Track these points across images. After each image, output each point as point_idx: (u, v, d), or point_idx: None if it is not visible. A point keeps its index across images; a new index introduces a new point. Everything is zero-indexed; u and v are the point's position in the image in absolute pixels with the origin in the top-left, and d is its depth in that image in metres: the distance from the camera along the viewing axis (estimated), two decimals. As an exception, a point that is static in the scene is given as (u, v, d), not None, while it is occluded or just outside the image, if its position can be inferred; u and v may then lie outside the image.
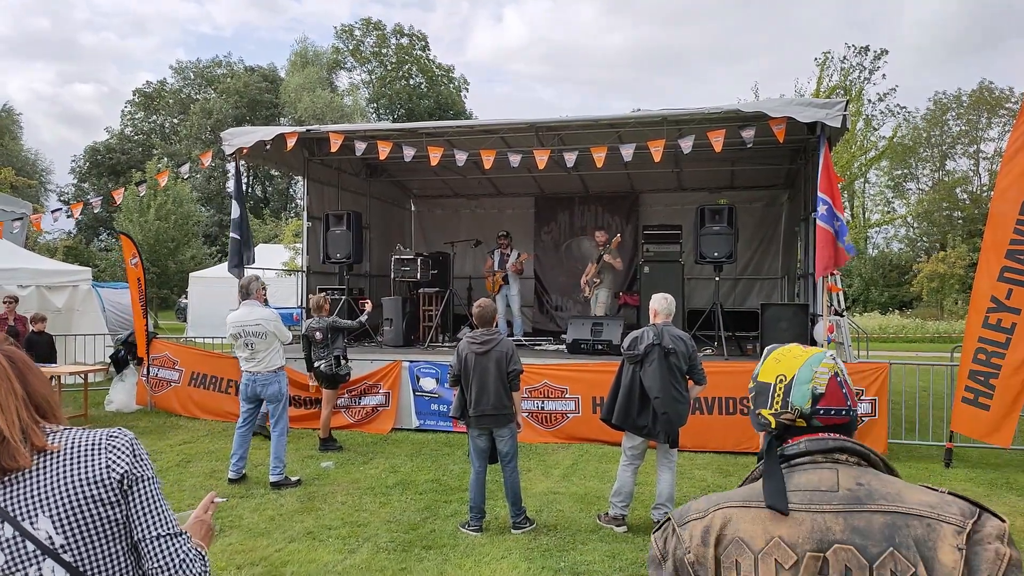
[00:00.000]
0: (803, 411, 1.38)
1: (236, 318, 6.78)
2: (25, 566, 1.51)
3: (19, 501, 1.53)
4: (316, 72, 52.61)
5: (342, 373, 8.38)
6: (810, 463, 1.34)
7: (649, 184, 13.73)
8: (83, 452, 1.59)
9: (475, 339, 5.60)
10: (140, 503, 1.62)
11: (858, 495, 1.26)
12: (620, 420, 5.56)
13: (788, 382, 1.40)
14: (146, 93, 55.04)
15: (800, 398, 1.38)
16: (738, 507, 1.32)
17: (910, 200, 41.23)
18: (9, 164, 38.11)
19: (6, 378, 1.60)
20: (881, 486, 1.27)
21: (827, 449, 1.34)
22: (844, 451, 1.34)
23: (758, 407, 1.45)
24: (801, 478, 1.31)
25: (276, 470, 6.76)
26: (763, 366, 1.47)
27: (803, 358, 1.42)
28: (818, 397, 1.38)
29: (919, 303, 32.87)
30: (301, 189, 13.65)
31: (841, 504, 1.25)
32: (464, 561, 5.02)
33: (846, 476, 1.30)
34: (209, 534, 1.88)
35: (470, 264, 13.91)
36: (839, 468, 1.32)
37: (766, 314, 9.39)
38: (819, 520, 1.25)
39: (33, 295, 12.48)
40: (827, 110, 7.93)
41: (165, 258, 27.99)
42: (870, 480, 1.29)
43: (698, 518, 1.36)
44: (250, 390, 6.86)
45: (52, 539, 1.52)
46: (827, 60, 27.89)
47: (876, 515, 1.23)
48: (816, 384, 1.38)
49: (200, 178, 46.90)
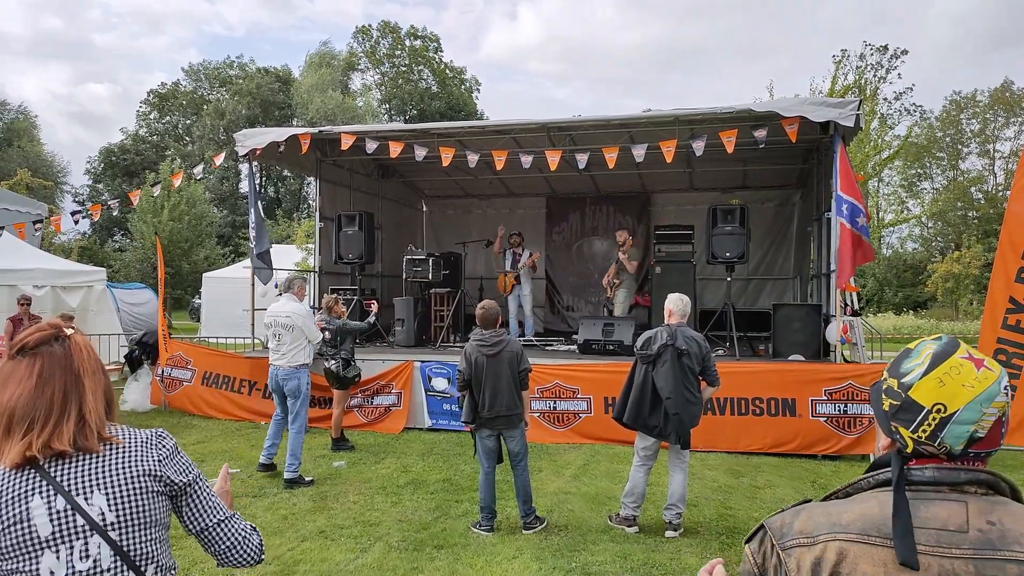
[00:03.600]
0: (952, 451, 1.22)
1: (272, 308, 7.23)
2: (71, 539, 1.58)
3: (76, 478, 1.62)
4: (329, 74, 52.84)
5: (351, 375, 8.39)
6: (935, 492, 1.20)
7: (661, 184, 13.70)
8: (139, 446, 1.72)
9: (484, 342, 5.59)
10: (195, 500, 1.78)
11: (990, 538, 1.14)
12: (631, 420, 5.55)
13: (947, 416, 1.21)
14: (160, 94, 55.45)
15: (954, 439, 1.21)
16: (856, 542, 1.18)
17: (924, 200, 40.94)
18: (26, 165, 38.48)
19: (99, 369, 1.74)
20: (1014, 524, 1.15)
21: (959, 482, 1.20)
22: (975, 483, 1.21)
23: (897, 421, 1.26)
24: (927, 512, 1.18)
25: (291, 467, 6.82)
26: (923, 381, 1.24)
27: (973, 392, 1.20)
28: (975, 441, 1.21)
29: (934, 303, 32.64)
30: (313, 190, 13.70)
31: (972, 549, 1.13)
32: (475, 560, 5.03)
33: (976, 513, 1.17)
34: (232, 502, 2.03)
35: (482, 264, 13.92)
36: (968, 501, 1.18)
37: (778, 314, 9.35)
38: (947, 567, 1.13)
39: (48, 295, 12.60)
40: (840, 109, 7.89)
41: (179, 259, 28.19)
42: (1002, 517, 1.16)
43: (806, 544, 1.21)
44: (274, 382, 7.10)
45: (104, 516, 1.61)
46: (843, 59, 27.71)
47: (1010, 564, 1.11)
48: (980, 428, 1.21)
49: (213, 179, 47.19)
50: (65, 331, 1.73)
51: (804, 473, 7.27)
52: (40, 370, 1.65)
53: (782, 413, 8.01)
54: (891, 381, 1.29)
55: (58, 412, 1.63)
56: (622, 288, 11.06)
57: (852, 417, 7.82)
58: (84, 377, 1.69)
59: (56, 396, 1.64)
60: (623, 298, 11.06)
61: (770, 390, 8.07)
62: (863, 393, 7.73)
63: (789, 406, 7.97)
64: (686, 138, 8.90)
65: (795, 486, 6.83)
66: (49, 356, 1.67)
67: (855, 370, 8.11)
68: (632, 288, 11.31)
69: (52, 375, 1.65)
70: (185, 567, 4.72)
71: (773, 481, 7.02)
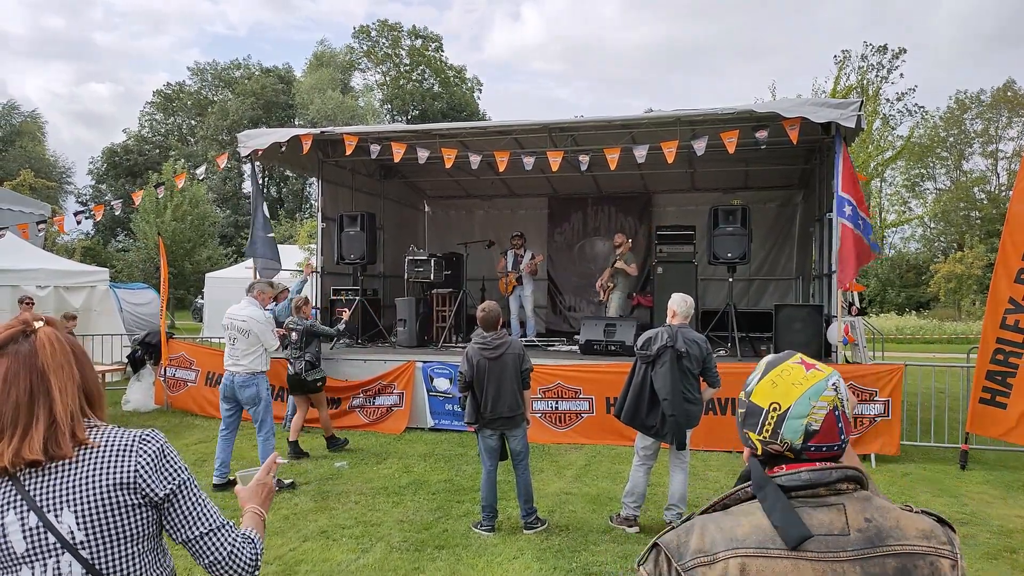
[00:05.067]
0: (793, 446, 1.31)
1: (230, 310, 6.91)
2: (44, 556, 1.53)
3: (48, 493, 1.55)
4: (330, 74, 52.90)
5: (310, 379, 8.02)
6: (812, 497, 1.27)
7: (663, 184, 13.70)
8: (114, 453, 1.60)
9: (486, 344, 5.59)
10: (179, 509, 1.65)
11: (869, 536, 1.22)
12: (629, 419, 5.56)
13: (782, 413, 1.32)
14: (165, 94, 55.55)
15: (792, 433, 1.31)
16: (756, 556, 1.22)
17: (927, 200, 40.88)
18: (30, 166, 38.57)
19: (68, 363, 1.62)
20: (883, 519, 1.24)
21: (831, 481, 1.28)
22: (846, 480, 1.29)
23: (747, 427, 1.38)
24: (811, 520, 1.24)
25: None
26: (758, 385, 1.38)
27: (801, 388, 1.32)
28: (811, 434, 1.31)
29: (936, 304, 32.59)
30: (315, 190, 13.72)
31: (855, 550, 1.21)
32: (476, 561, 5.04)
33: (853, 513, 1.25)
34: (270, 497, 1.92)
35: (483, 265, 13.94)
36: (845, 503, 1.26)
37: (780, 315, 9.34)
38: (838, 570, 1.20)
39: (51, 296, 12.63)
40: (841, 110, 7.88)
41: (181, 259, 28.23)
42: (873, 514, 1.25)
43: (707, 563, 1.24)
44: (228, 389, 6.76)
45: (73, 534, 1.54)
46: (845, 59, 27.69)
47: (888, 559, 1.20)
48: (811, 421, 1.31)
49: (216, 179, 47.25)
50: (33, 325, 1.64)
51: (805, 474, 7.26)
52: (4, 373, 1.57)
53: (783, 413, 8.00)
54: (740, 394, 1.42)
55: (26, 416, 1.55)
56: (616, 291, 11.05)
57: (853, 417, 7.79)
58: (50, 374, 1.58)
59: (22, 398, 1.56)
60: (617, 301, 11.05)
61: (772, 390, 8.05)
62: (864, 394, 7.73)
63: (790, 407, 7.96)
64: (687, 139, 8.89)
65: (796, 487, 6.82)
66: (14, 356, 1.58)
67: (856, 370, 8.11)
68: (626, 291, 11.30)
69: (17, 376, 1.57)
70: (187, 566, 4.71)
71: (774, 481, 7.01)
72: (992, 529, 5.70)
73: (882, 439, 7.72)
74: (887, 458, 7.72)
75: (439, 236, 15.42)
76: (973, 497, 6.57)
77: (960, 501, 6.43)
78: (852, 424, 1.35)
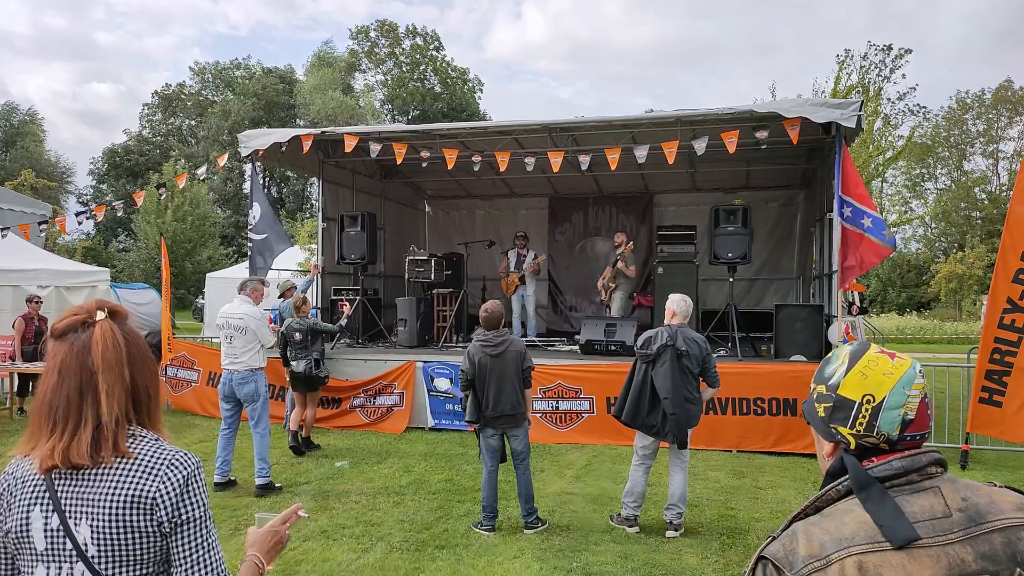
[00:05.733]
0: (891, 437, 1.30)
1: (224, 309, 6.91)
2: (59, 560, 1.52)
3: (73, 498, 1.52)
4: (331, 74, 52.91)
5: (321, 376, 8.20)
6: (907, 484, 1.26)
7: (663, 185, 13.70)
8: (139, 473, 1.53)
9: (488, 342, 5.60)
10: (183, 545, 1.54)
11: (970, 515, 1.22)
12: (630, 418, 5.56)
13: (877, 404, 1.29)
14: (165, 95, 55.56)
15: (889, 424, 1.29)
16: (870, 552, 1.20)
17: (928, 200, 40.87)
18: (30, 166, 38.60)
19: (119, 363, 1.54)
20: (977, 497, 1.24)
21: (922, 466, 1.27)
22: (935, 463, 1.28)
23: (835, 422, 1.34)
24: (912, 507, 1.23)
25: (263, 472, 6.65)
26: (847, 377, 1.33)
27: (894, 377, 1.31)
28: (908, 424, 1.29)
29: (937, 304, 32.61)
30: (316, 190, 13.72)
31: (962, 531, 1.20)
32: (477, 561, 5.04)
33: (950, 494, 1.25)
34: (278, 547, 1.79)
35: (484, 265, 13.94)
36: (939, 486, 1.26)
37: (781, 315, 9.34)
38: (952, 554, 1.19)
39: (52, 296, 12.63)
40: (842, 110, 7.88)
41: (182, 259, 28.26)
42: (967, 493, 1.25)
43: (821, 568, 1.20)
44: (227, 388, 6.78)
45: (87, 546, 1.51)
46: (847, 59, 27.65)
47: (995, 535, 1.20)
48: (907, 410, 1.29)
49: (217, 180, 47.28)
50: (95, 316, 1.57)
51: (807, 474, 7.27)
52: (60, 363, 1.54)
53: (784, 413, 8.03)
54: (819, 388, 1.38)
55: (75, 415, 1.51)
56: (618, 291, 11.04)
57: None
58: (99, 374, 1.52)
59: (72, 395, 1.52)
60: (619, 301, 11.04)
61: (772, 390, 8.08)
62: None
63: (791, 406, 7.98)
64: (688, 139, 8.90)
65: (797, 487, 6.83)
66: (70, 347, 1.54)
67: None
68: (628, 291, 11.30)
69: (69, 370, 1.53)
70: None
71: (776, 481, 7.02)
72: (993, 529, 5.69)
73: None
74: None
75: (440, 236, 15.42)
76: (974, 497, 6.57)
77: (961, 501, 6.42)
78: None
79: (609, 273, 11.08)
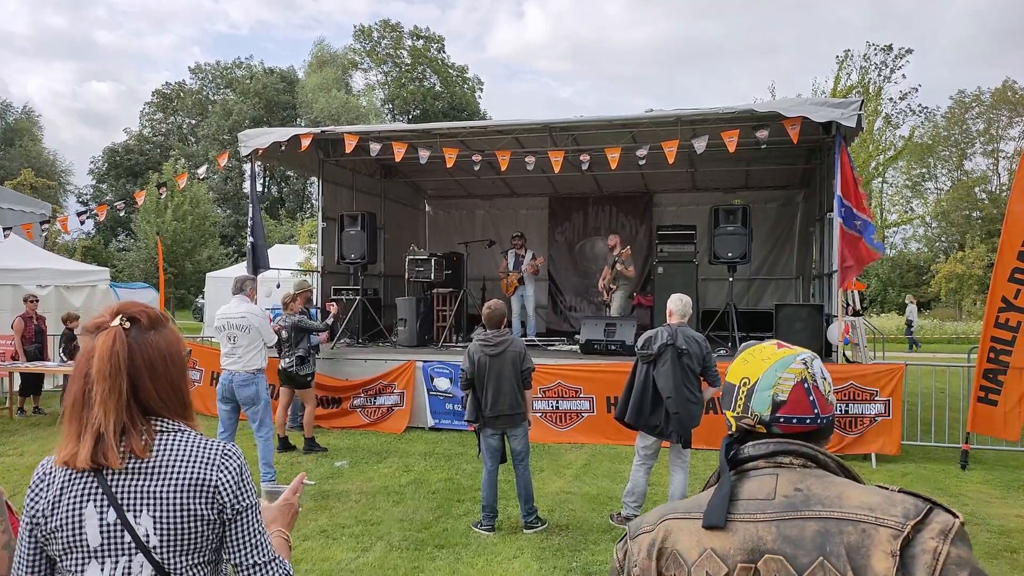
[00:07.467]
0: (763, 418, 1.33)
1: (223, 311, 6.79)
2: (117, 554, 1.54)
3: (130, 492, 1.55)
4: (332, 73, 52.90)
5: (303, 374, 8.10)
6: (752, 469, 1.30)
7: (663, 184, 13.70)
8: (197, 464, 1.59)
9: (487, 341, 5.61)
10: (241, 531, 1.63)
11: (794, 502, 1.22)
12: (633, 419, 5.56)
13: (751, 386, 1.35)
14: (165, 94, 55.56)
15: (760, 404, 1.34)
16: (679, 518, 1.31)
17: (928, 200, 40.86)
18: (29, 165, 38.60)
19: (114, 373, 1.54)
20: (822, 490, 1.23)
21: (768, 453, 1.30)
22: (787, 453, 1.29)
23: (724, 406, 1.41)
24: (747, 487, 1.28)
25: (268, 476, 6.55)
26: (732, 364, 1.42)
27: (770, 361, 1.36)
28: (779, 404, 1.32)
29: (937, 304, 32.61)
30: (316, 190, 13.72)
31: (775, 513, 1.22)
32: (476, 560, 5.04)
33: (785, 482, 1.26)
34: (295, 518, 1.93)
35: (484, 264, 13.94)
36: (779, 473, 1.28)
37: (780, 315, 9.34)
38: (751, 530, 1.22)
39: (52, 295, 12.63)
40: (842, 110, 7.88)
41: (182, 258, 28.26)
42: (810, 484, 1.24)
43: (648, 531, 1.34)
44: (227, 390, 6.59)
45: (149, 537, 1.54)
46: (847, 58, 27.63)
47: (809, 522, 1.19)
48: (778, 391, 1.33)
49: (217, 179, 47.29)
50: (107, 324, 1.59)
51: (806, 473, 7.26)
52: (76, 364, 1.59)
53: (784, 413, 8.02)
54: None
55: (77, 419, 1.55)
56: (619, 292, 11.03)
57: (853, 417, 7.83)
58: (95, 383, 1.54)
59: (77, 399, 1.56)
60: (619, 301, 11.03)
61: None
62: (864, 393, 7.74)
63: (791, 406, 7.97)
64: (688, 138, 8.90)
65: (796, 486, 6.83)
66: (83, 351, 1.59)
67: (856, 370, 8.11)
68: (628, 291, 11.29)
69: (78, 372, 1.57)
70: None
71: (774, 481, 7.01)
72: (992, 528, 5.70)
73: (882, 439, 7.72)
74: (887, 458, 7.73)
75: (440, 236, 15.42)
76: (973, 497, 6.58)
77: (960, 501, 6.43)
78: (833, 405, 1.36)
79: (609, 274, 11.07)
